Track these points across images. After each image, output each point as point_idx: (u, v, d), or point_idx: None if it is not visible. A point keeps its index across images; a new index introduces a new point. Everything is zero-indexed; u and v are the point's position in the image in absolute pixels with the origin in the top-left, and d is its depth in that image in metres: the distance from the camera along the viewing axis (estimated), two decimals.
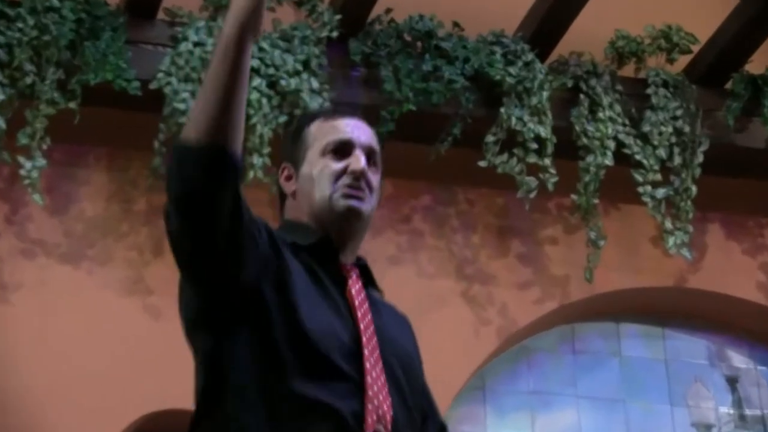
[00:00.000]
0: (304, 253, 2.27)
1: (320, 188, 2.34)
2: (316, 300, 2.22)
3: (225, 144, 2.02)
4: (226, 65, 2.03)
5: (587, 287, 5.02)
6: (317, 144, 2.39)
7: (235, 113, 2.02)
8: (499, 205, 5.18)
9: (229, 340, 2.14)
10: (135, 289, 4.75)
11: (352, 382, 2.17)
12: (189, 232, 2.09)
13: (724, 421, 5.30)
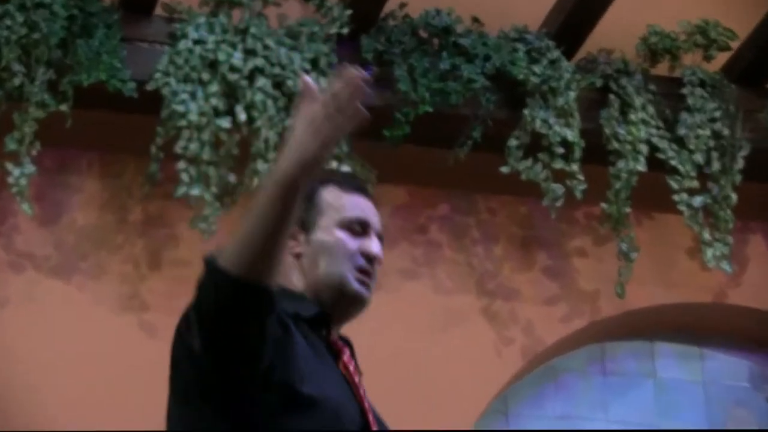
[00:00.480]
0: (303, 323, 2.36)
1: (334, 263, 2.44)
2: (325, 373, 2.35)
3: (266, 281, 2.12)
4: (279, 207, 2.09)
5: (619, 303, 5.04)
6: (334, 214, 2.49)
7: (281, 251, 2.12)
8: (522, 215, 5.20)
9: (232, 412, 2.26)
10: (130, 305, 4.77)
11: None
12: (212, 349, 2.22)
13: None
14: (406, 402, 4.70)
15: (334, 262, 2.44)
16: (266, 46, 4.67)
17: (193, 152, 4.53)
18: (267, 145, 4.61)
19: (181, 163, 4.53)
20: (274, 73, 4.64)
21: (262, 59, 4.63)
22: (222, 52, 4.60)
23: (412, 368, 4.87)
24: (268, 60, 4.65)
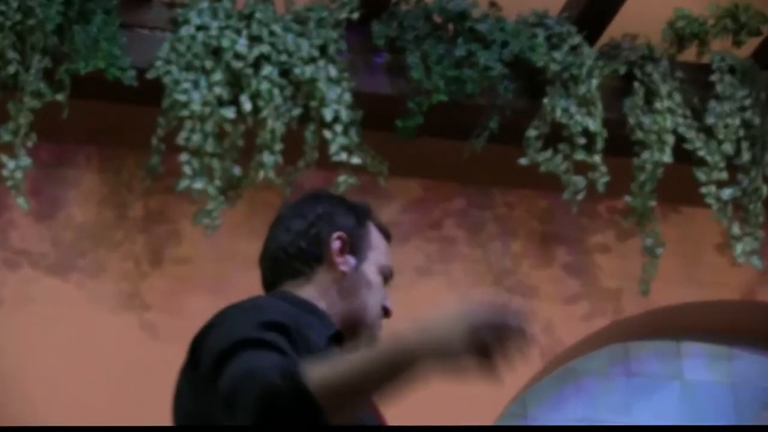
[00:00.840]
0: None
1: (374, 302, 2.61)
2: None
3: (333, 419, 2.18)
4: (389, 375, 2.15)
5: (643, 301, 5.07)
6: (379, 256, 2.64)
7: (362, 404, 2.29)
8: (542, 209, 5.22)
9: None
10: (130, 304, 4.79)
11: None
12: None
13: None
14: (420, 405, 4.69)
15: (374, 301, 2.58)
16: (272, 32, 4.65)
17: (196, 144, 4.53)
18: (273, 136, 4.60)
19: (184, 155, 4.52)
20: (281, 60, 4.62)
21: (268, 46, 4.62)
22: (226, 39, 4.58)
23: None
24: (274, 47, 4.63)
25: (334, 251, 2.56)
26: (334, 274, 2.56)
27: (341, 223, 2.62)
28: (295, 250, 2.60)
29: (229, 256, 4.83)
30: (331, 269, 2.57)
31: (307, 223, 2.62)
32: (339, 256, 2.56)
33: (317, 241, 2.58)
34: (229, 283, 4.78)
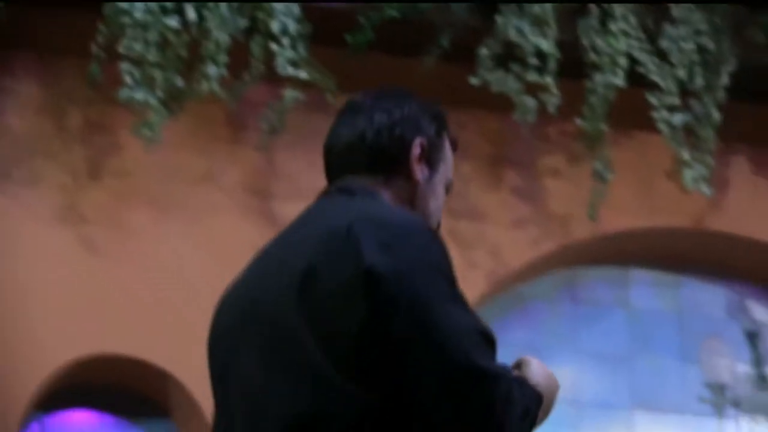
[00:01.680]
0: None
1: (437, 211, 2.55)
2: None
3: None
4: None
5: (592, 227, 5.12)
6: (447, 169, 2.56)
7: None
8: (493, 130, 5.23)
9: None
10: (68, 217, 4.77)
11: None
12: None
13: (741, 380, 5.51)
14: None
15: (438, 210, 2.50)
16: None
17: (138, 53, 4.47)
18: (218, 47, 4.54)
19: (125, 64, 4.47)
20: None
21: None
22: None
23: None
24: None
25: (414, 157, 2.41)
26: (409, 180, 2.43)
27: (425, 129, 2.48)
28: (374, 143, 2.44)
29: (171, 171, 4.82)
30: (406, 175, 2.43)
31: (392, 120, 2.47)
32: (418, 163, 2.42)
33: (400, 143, 2.43)
34: (171, 200, 4.81)
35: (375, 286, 2.18)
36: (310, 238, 2.29)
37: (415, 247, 2.25)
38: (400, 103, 2.50)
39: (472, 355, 2.14)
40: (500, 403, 2.14)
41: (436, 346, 2.15)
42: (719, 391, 5.40)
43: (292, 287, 2.24)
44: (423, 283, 2.19)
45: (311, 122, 4.90)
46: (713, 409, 5.41)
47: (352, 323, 2.16)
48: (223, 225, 4.84)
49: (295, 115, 4.77)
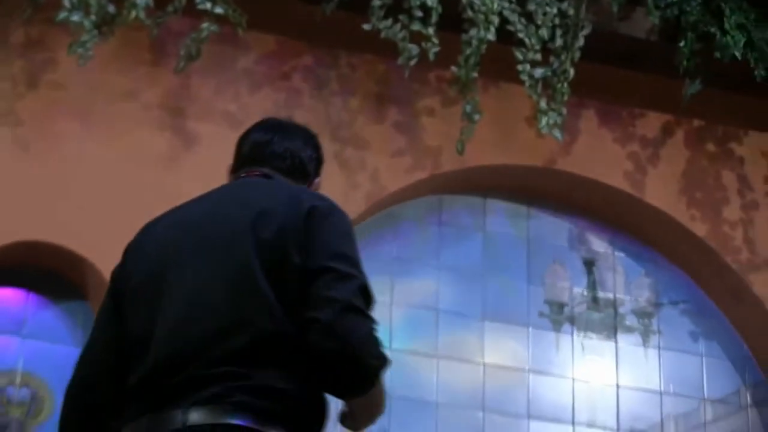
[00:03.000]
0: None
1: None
2: None
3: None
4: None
5: (458, 160, 5.24)
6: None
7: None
8: (379, 72, 5.36)
9: None
10: (5, 120, 4.83)
11: None
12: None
13: (577, 301, 5.67)
14: None
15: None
16: None
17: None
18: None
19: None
20: None
21: None
22: None
23: None
24: None
25: (316, 184, 2.82)
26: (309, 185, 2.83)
27: (316, 168, 2.87)
28: (301, 164, 2.82)
29: (98, 87, 4.91)
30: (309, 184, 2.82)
31: (317, 155, 2.87)
32: (315, 177, 2.84)
33: (315, 173, 2.84)
34: (97, 111, 4.91)
35: (313, 215, 2.51)
36: (263, 193, 2.63)
37: (340, 212, 2.59)
38: (316, 143, 2.92)
39: (353, 295, 2.42)
40: (364, 335, 2.42)
41: (336, 276, 2.43)
42: (558, 309, 5.60)
43: (247, 224, 2.52)
44: (343, 227, 2.56)
45: (223, 53, 5.11)
46: (552, 324, 5.59)
47: (289, 252, 2.46)
48: (141, 136, 4.91)
49: (210, 45, 4.87)
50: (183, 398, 2.45)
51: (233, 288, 2.49)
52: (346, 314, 2.43)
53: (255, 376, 2.44)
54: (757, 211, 5.70)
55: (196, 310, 2.50)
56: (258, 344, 2.45)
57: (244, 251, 2.51)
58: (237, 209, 2.59)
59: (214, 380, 2.44)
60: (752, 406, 5.68)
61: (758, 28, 5.30)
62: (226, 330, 2.45)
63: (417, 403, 5.32)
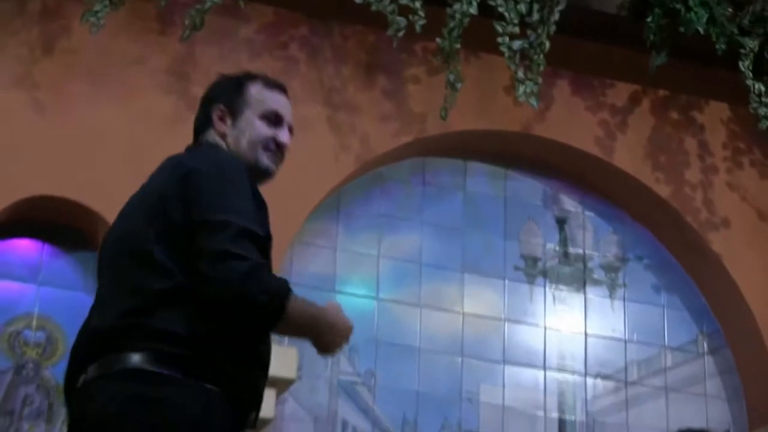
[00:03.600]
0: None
1: (253, 145, 2.79)
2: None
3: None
4: (309, 333, 2.61)
5: (442, 125, 5.25)
6: (258, 107, 2.83)
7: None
8: (370, 42, 5.36)
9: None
10: (23, 84, 4.84)
11: None
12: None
13: (550, 256, 5.69)
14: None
15: (254, 144, 2.78)
16: None
17: None
18: None
19: None
20: None
21: None
22: None
23: None
24: None
25: (215, 120, 2.79)
26: (222, 137, 2.78)
27: (222, 96, 2.82)
28: (200, 123, 2.83)
29: (109, 53, 4.91)
30: (220, 134, 2.78)
31: (202, 105, 2.85)
32: (219, 123, 2.79)
33: (207, 117, 2.81)
34: (108, 76, 4.90)
35: (185, 180, 2.55)
36: (160, 167, 2.68)
37: (220, 166, 2.60)
38: (208, 90, 2.87)
39: (228, 242, 2.45)
40: (242, 276, 2.43)
41: (207, 230, 2.48)
42: (532, 263, 5.62)
43: (143, 196, 2.63)
44: (216, 183, 2.54)
45: (225, 23, 5.12)
46: (526, 276, 5.60)
47: (175, 216, 2.52)
48: (148, 99, 4.92)
49: (213, 16, 4.89)
50: (99, 351, 2.53)
51: (131, 253, 2.56)
52: (222, 263, 2.44)
53: (151, 326, 2.48)
54: (716, 175, 5.72)
55: (110, 280, 2.61)
56: (153, 301, 2.49)
57: (137, 222, 2.58)
58: (146, 186, 2.68)
59: (118, 333, 2.50)
60: (708, 353, 5.73)
61: (720, 5, 5.31)
62: (129, 293, 2.52)
63: (401, 348, 5.35)
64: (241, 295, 2.44)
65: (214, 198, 2.55)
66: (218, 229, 2.50)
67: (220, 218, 2.51)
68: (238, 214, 2.53)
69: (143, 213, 2.62)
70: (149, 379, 2.48)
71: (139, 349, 2.48)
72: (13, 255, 4.90)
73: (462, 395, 5.38)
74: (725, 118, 5.80)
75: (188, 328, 2.49)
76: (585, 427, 5.52)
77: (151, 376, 2.48)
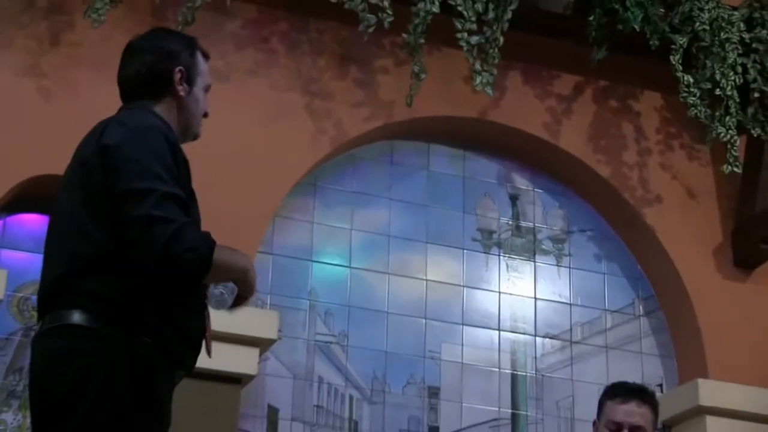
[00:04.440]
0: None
1: (196, 116, 2.72)
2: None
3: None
4: (225, 275, 2.51)
5: (408, 111, 5.28)
6: (204, 79, 2.72)
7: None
8: (343, 37, 5.36)
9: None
10: (31, 72, 4.83)
11: None
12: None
13: (503, 229, 5.70)
14: (242, 169, 4.95)
15: (197, 115, 2.73)
16: None
17: None
18: None
19: None
20: None
21: None
22: None
23: (248, 145, 5.00)
24: None
25: (176, 81, 2.65)
26: (176, 98, 2.66)
27: (182, 58, 2.67)
28: (149, 77, 2.65)
29: (109, 45, 4.67)
30: (173, 94, 2.65)
31: (157, 58, 2.66)
32: (179, 84, 2.65)
33: (165, 74, 2.64)
34: (108, 66, 4.36)
35: (105, 154, 2.47)
36: (87, 136, 2.63)
37: (138, 135, 2.49)
38: (162, 43, 2.67)
39: (152, 208, 2.38)
40: (168, 239, 2.36)
41: (132, 198, 2.40)
42: (488, 235, 5.63)
43: (74, 168, 2.56)
44: (135, 153, 2.44)
45: (213, 18, 5.10)
46: (482, 247, 5.61)
47: (96, 186, 2.45)
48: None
49: (202, 12, 4.88)
50: (43, 309, 2.52)
51: (64, 223, 2.53)
52: (148, 228, 2.39)
53: (79, 287, 2.44)
54: (650, 157, 5.75)
55: (49, 247, 2.58)
56: (81, 265, 2.45)
57: (70, 193, 2.54)
58: (76, 154, 2.63)
59: (52, 295, 2.48)
60: (643, 315, 5.77)
61: (653, 6, 5.32)
62: (60, 258, 2.49)
63: (371, 312, 5.36)
64: (168, 257, 2.38)
65: (134, 167, 2.46)
66: (142, 196, 2.43)
67: (143, 186, 2.44)
68: (159, 180, 2.45)
69: (73, 182, 2.56)
70: (74, 334, 2.43)
71: (68, 307, 2.44)
72: (21, 228, 4.88)
73: (425, 354, 5.37)
74: (658, 106, 5.82)
75: (112, 288, 2.44)
76: (534, 381, 5.53)
77: (77, 329, 2.43)
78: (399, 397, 5.30)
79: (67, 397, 2.39)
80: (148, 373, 2.44)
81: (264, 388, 5.05)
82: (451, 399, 5.37)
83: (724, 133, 5.32)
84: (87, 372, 2.40)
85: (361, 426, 5.22)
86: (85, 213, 2.49)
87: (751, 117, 5.48)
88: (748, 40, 5.46)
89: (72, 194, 2.54)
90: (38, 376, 2.46)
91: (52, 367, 2.43)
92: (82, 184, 2.52)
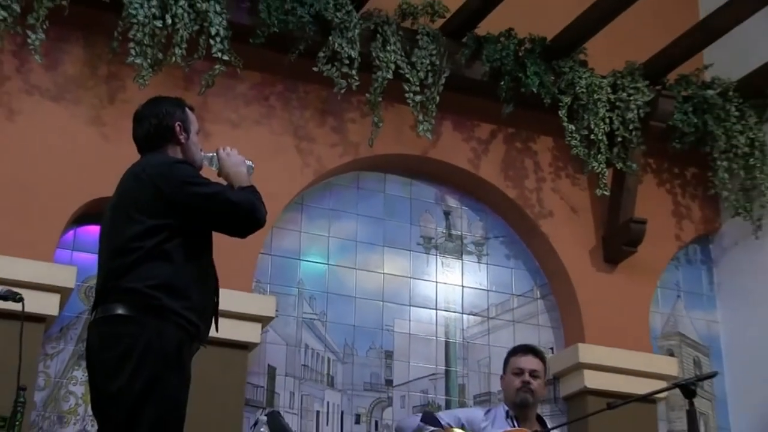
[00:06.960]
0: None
1: (197, 153, 2.82)
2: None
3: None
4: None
5: (370, 150, 5.31)
6: (194, 127, 2.81)
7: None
8: (323, 96, 5.37)
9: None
10: (95, 122, 4.85)
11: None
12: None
13: (439, 236, 5.70)
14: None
15: (198, 150, 2.83)
16: None
17: (140, 38, 4.57)
18: (182, 39, 4.61)
19: (132, 44, 4.59)
20: None
21: None
22: None
23: (253, 175, 4.69)
24: None
25: (177, 132, 2.83)
26: (179, 143, 2.83)
27: (176, 114, 2.86)
28: (157, 133, 2.79)
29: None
30: (176, 141, 2.82)
31: (159, 119, 2.85)
32: (180, 134, 2.83)
33: (169, 129, 2.83)
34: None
35: (153, 180, 2.58)
36: (127, 173, 2.75)
37: (169, 168, 2.61)
38: (161, 107, 2.79)
39: (224, 192, 2.53)
40: (254, 205, 2.55)
41: (201, 193, 2.53)
42: (428, 240, 5.62)
43: (127, 192, 2.67)
44: (177, 175, 2.57)
45: (228, 83, 5.10)
46: (424, 249, 5.58)
47: (148, 197, 2.57)
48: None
49: (219, 78, 4.87)
50: (96, 302, 2.58)
51: (111, 234, 2.58)
52: (242, 203, 2.56)
53: (121, 287, 2.48)
54: (544, 183, 5.77)
55: (100, 253, 2.63)
56: (119, 270, 2.50)
57: (124, 208, 2.59)
58: (122, 186, 2.72)
59: (104, 292, 2.53)
60: (540, 298, 5.79)
61: (546, 74, 5.42)
62: (113, 256, 2.55)
63: (342, 297, 5.32)
64: (255, 217, 2.58)
65: (190, 179, 2.56)
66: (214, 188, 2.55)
67: (211, 190, 2.55)
68: (215, 185, 2.57)
69: (117, 205, 2.60)
70: (118, 321, 2.47)
71: (112, 302, 2.48)
72: (87, 235, 4.84)
73: (383, 327, 5.35)
74: (550, 146, 5.85)
75: (144, 285, 2.46)
76: (462, 346, 5.50)
77: (120, 318, 2.47)
78: (363, 359, 5.26)
79: (115, 366, 2.46)
80: (175, 346, 2.48)
81: (265, 353, 5.02)
82: (401, 359, 5.34)
83: (596, 167, 5.42)
84: (129, 348, 2.46)
85: (336, 380, 5.18)
86: (128, 222, 2.55)
87: (615, 155, 5.56)
88: (613, 100, 5.54)
89: (115, 212, 2.62)
90: (95, 351, 2.54)
91: (103, 345, 2.49)
92: (128, 205, 2.60)
